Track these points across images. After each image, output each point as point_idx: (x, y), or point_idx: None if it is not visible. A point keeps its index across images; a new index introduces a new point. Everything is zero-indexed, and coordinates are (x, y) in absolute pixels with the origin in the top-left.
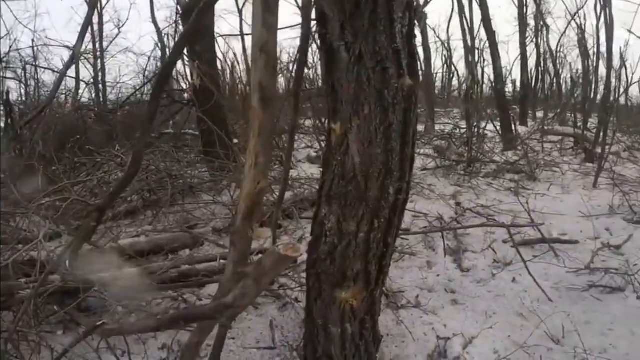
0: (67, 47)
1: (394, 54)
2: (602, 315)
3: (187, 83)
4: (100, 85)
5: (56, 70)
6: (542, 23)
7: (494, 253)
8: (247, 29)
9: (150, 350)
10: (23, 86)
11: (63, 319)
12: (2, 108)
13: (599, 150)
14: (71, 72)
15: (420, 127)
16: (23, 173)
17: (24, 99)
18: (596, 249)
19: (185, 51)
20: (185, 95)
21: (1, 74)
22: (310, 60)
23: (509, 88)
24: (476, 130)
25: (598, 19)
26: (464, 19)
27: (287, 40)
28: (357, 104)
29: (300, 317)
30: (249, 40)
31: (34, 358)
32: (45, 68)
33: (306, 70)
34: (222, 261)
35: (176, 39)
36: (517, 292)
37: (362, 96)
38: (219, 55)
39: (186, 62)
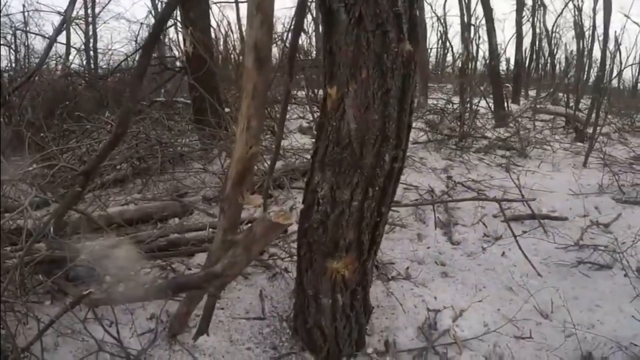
0: (59, 12)
1: (394, 17)
2: (590, 291)
3: (180, 50)
4: (92, 52)
5: (47, 36)
6: (539, 3)
7: (484, 227)
8: None
9: (139, 320)
10: (13, 52)
11: (50, 288)
12: None
13: (589, 130)
14: (62, 38)
15: None
16: (11, 140)
17: (13, 65)
18: (585, 227)
19: (178, 18)
20: (178, 62)
21: None
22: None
23: (502, 66)
24: (469, 105)
25: (595, 1)
26: None
27: (282, 10)
28: (354, 67)
29: (290, 288)
30: (243, 8)
31: (20, 329)
32: (35, 34)
33: (301, 40)
34: (211, 230)
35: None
36: (507, 267)
37: (360, 60)
38: (213, 23)
39: (179, 29)
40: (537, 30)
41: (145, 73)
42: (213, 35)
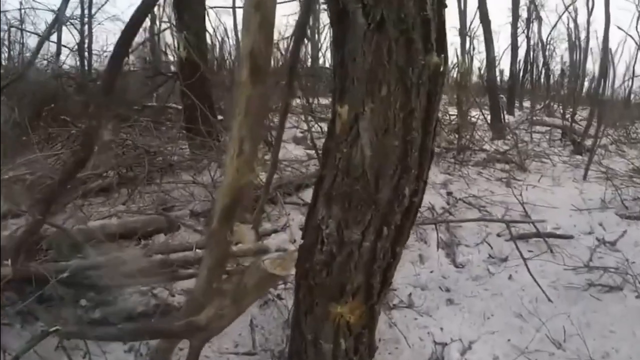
0: (53, 11)
1: (422, 23)
2: (602, 316)
3: (174, 54)
4: (86, 53)
5: (41, 34)
6: (535, 15)
7: (488, 248)
8: (239, 2)
9: (115, 352)
10: (6, 50)
11: (21, 310)
12: None
13: (587, 142)
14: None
15: None
16: None
17: (5, 62)
18: (593, 246)
19: (173, 21)
20: (172, 67)
21: None
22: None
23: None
24: (467, 117)
25: (589, 14)
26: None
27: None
28: (372, 83)
29: (283, 317)
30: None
31: None
32: (30, 32)
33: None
34: (198, 251)
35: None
36: (515, 291)
37: (380, 73)
38: (209, 29)
39: (174, 33)
40: (532, 42)
41: (114, 85)
42: (209, 41)
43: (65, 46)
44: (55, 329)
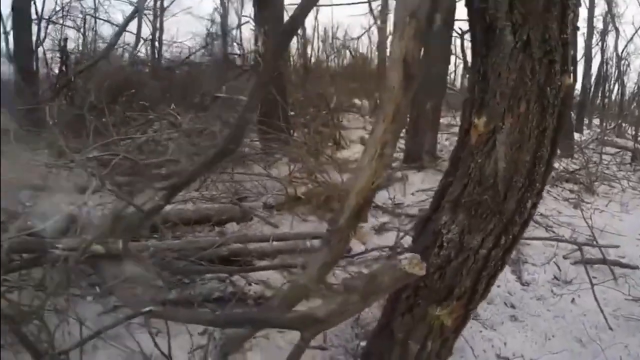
0: (131, 2)
1: (562, 45)
2: None
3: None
4: (157, 43)
5: (115, 23)
6: (611, 26)
7: (553, 269)
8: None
9: (191, 332)
10: (81, 36)
11: (94, 284)
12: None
13: None
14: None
15: None
16: (72, 122)
17: (80, 48)
18: None
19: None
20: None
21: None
22: None
23: None
24: None
25: None
26: None
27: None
28: (514, 99)
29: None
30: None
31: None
32: (104, 20)
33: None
34: (274, 243)
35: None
36: (577, 315)
37: (521, 90)
38: None
39: (252, 27)
40: (605, 56)
41: (267, 84)
42: None
43: (141, 37)
44: (149, 309)
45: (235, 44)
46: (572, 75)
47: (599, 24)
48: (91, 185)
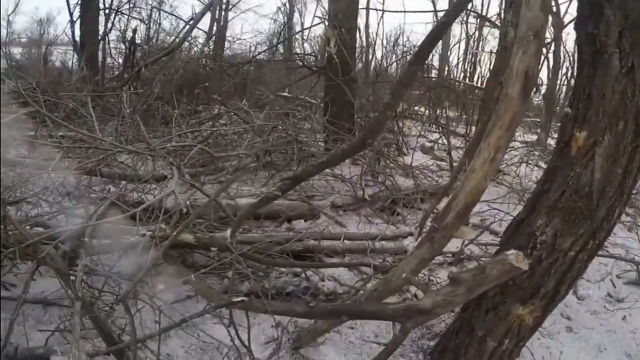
0: None
1: None
2: None
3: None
4: (220, 39)
5: (183, 19)
6: None
7: (608, 286)
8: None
9: (262, 325)
10: (146, 29)
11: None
12: None
13: None
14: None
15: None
16: (144, 111)
17: (145, 40)
18: None
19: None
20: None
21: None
22: None
23: None
24: None
25: None
26: None
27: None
28: (614, 117)
29: None
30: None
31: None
32: (169, 13)
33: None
34: (346, 242)
35: None
36: (627, 332)
37: (621, 110)
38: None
39: (324, 28)
40: None
41: (413, 82)
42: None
43: (204, 31)
44: (241, 299)
45: (304, 43)
46: None
47: None
48: (173, 175)
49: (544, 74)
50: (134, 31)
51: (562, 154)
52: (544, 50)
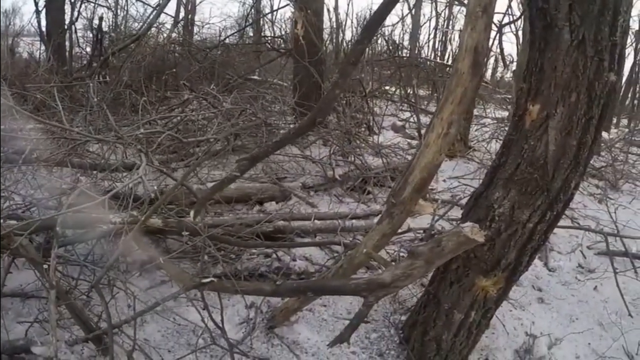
0: None
1: (611, 46)
2: None
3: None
4: (189, 24)
5: (151, 4)
6: None
7: (578, 257)
8: None
9: (236, 306)
10: (113, 16)
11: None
12: None
13: None
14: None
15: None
16: (113, 100)
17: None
18: None
19: None
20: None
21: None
22: None
23: None
24: None
25: None
26: None
27: None
28: (566, 90)
29: None
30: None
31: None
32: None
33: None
34: (316, 221)
35: None
36: (599, 302)
37: (573, 83)
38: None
39: (291, 10)
40: (639, 56)
41: (360, 59)
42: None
43: (170, 16)
44: (210, 280)
45: (272, 26)
46: (617, 73)
47: (634, 25)
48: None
49: (513, 51)
50: (101, 19)
51: (516, 127)
52: (513, 27)
